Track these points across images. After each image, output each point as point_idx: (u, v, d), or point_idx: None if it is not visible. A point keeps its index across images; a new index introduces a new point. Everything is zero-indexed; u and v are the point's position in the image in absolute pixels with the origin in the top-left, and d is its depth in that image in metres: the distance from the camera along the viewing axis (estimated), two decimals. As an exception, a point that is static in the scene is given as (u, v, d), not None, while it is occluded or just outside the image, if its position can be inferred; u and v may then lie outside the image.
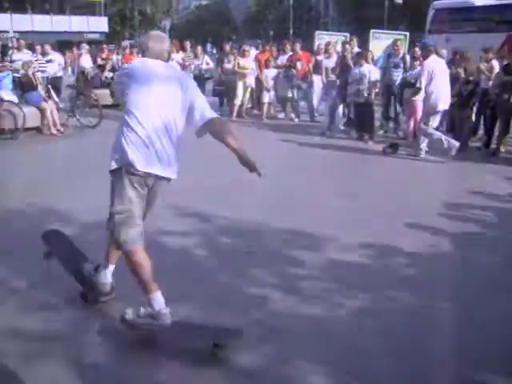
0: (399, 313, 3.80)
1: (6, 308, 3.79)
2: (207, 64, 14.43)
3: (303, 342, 3.42)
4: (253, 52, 14.14)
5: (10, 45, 18.25)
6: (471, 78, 9.49)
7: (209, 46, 49.57)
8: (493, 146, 9.61)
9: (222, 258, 4.71)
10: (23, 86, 11.27)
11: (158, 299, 3.33)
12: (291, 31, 57.34)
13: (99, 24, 49.78)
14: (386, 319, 3.70)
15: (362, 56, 10.64)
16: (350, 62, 11.06)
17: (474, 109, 9.85)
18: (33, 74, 11.38)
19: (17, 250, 4.77)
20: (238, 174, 7.00)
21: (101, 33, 49.13)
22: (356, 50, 12.16)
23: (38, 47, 14.92)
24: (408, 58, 11.39)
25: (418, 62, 10.08)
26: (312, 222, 5.60)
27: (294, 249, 4.87)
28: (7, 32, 27.67)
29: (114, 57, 18.96)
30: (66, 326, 3.57)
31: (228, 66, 13.66)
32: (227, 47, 15.25)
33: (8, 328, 3.51)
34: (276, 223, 5.52)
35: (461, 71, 9.64)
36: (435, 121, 8.87)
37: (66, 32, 45.01)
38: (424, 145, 9.02)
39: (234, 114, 13.09)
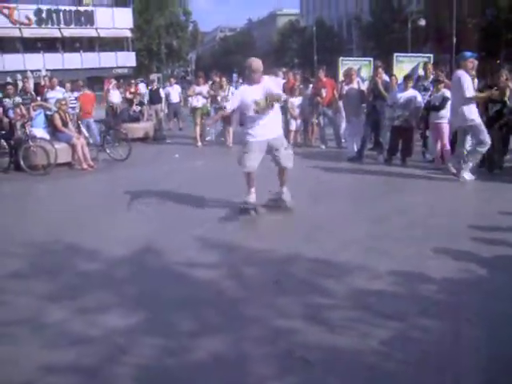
0: (430, 341, 3.71)
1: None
2: (233, 94, 14.50)
3: (332, 373, 3.37)
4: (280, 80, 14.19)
5: (42, 83, 18.75)
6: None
7: (234, 76, 50.01)
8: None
9: (248, 289, 4.70)
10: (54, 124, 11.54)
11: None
12: (315, 58, 57.81)
13: (127, 59, 50.97)
14: (417, 347, 3.62)
15: (409, 80, 10.62)
16: (381, 88, 11.03)
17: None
18: (64, 111, 11.66)
19: (41, 284, 4.84)
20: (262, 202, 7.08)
21: (129, 67, 50.23)
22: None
23: (68, 84, 15.32)
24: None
25: (442, 85, 10.02)
26: (339, 249, 5.56)
27: (321, 278, 4.82)
28: (39, 71, 28.46)
29: (143, 89, 19.29)
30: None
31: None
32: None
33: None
34: (303, 252, 5.50)
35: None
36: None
37: (95, 68, 46.21)
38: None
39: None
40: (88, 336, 3.88)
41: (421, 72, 13.14)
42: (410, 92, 10.36)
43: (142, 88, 21.41)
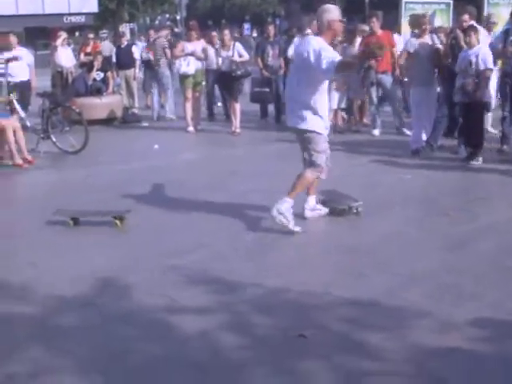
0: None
1: None
2: (240, 56, 14.43)
3: None
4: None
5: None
6: None
7: (246, 28, 50.02)
8: None
9: (258, 348, 4.68)
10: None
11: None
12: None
13: (85, 2, 51.08)
14: None
15: (472, 31, 10.58)
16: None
17: None
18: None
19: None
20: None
21: (88, 14, 50.29)
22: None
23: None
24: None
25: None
26: (398, 288, 5.56)
27: (367, 331, 4.80)
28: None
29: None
30: None
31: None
32: (271, 29, 15.40)
33: None
34: (342, 291, 5.50)
35: None
36: None
37: (37, 15, 46.25)
38: None
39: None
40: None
41: None
42: (474, 50, 10.36)
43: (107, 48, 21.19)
